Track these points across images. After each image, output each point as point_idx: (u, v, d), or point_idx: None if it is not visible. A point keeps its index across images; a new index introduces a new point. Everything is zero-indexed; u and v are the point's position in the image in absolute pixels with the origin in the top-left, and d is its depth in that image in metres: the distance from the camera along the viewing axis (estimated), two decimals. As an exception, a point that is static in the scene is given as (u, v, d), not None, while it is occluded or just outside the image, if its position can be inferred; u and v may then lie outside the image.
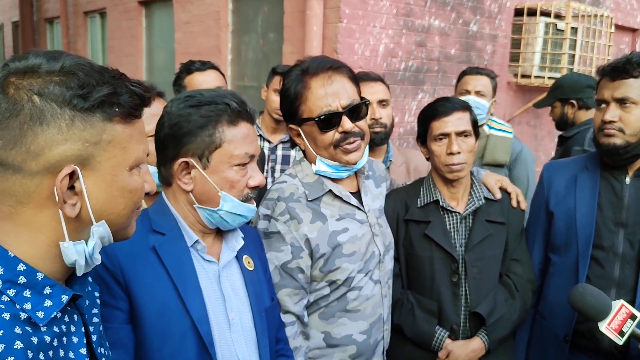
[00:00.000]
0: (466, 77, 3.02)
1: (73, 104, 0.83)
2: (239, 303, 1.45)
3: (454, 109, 1.95)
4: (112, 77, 0.88)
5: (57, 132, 0.82)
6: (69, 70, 0.84)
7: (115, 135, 0.87)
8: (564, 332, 1.98)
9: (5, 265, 0.83)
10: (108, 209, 0.89)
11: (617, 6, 7.12)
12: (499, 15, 5.42)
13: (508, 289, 2.01)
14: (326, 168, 1.74)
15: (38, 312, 0.84)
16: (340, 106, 1.67)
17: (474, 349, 1.92)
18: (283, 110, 1.78)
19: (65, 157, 0.83)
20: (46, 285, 0.86)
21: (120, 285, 1.29)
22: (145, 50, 7.10)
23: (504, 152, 2.96)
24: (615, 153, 1.88)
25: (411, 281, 2.01)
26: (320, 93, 1.66)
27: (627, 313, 1.60)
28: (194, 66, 2.75)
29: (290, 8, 4.50)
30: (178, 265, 1.36)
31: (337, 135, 1.68)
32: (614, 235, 1.90)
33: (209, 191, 1.39)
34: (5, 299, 0.82)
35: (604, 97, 1.89)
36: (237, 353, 1.40)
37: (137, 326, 1.30)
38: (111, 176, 0.88)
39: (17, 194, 0.83)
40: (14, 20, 11.80)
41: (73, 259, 0.88)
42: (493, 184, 2.07)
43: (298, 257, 1.68)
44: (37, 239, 0.86)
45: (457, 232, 1.99)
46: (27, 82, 0.82)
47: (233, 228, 1.50)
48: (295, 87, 1.69)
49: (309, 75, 1.68)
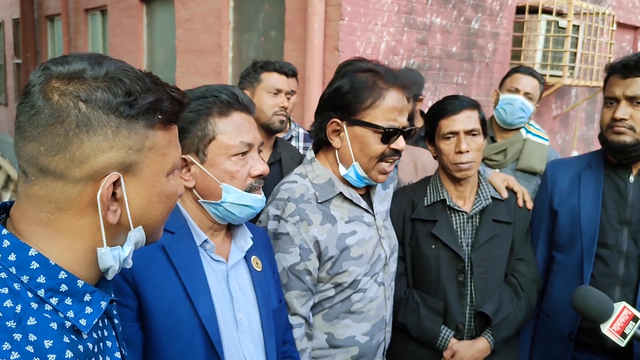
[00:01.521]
0: (518, 75, 2.86)
1: (119, 112, 0.82)
2: (246, 303, 1.44)
3: (463, 107, 1.94)
4: (153, 82, 0.87)
5: (103, 139, 0.81)
6: (113, 76, 0.82)
7: (156, 142, 0.87)
8: (569, 330, 1.98)
9: (47, 274, 0.82)
10: (146, 214, 0.89)
11: (619, 4, 7.11)
12: (501, 12, 5.41)
13: (513, 288, 2.01)
14: (354, 176, 1.72)
15: (81, 320, 0.84)
16: (403, 125, 1.68)
17: (480, 349, 1.92)
18: (333, 101, 1.69)
19: (109, 165, 0.82)
20: (86, 292, 0.86)
21: (129, 283, 1.29)
22: (146, 47, 7.09)
23: (540, 160, 2.76)
24: (624, 151, 1.87)
25: (416, 280, 2.01)
26: (395, 106, 1.65)
27: (630, 315, 1.60)
28: None
29: (291, 5, 4.50)
30: (187, 264, 1.36)
31: (388, 151, 1.68)
32: (618, 234, 1.90)
33: (210, 185, 1.39)
34: (49, 307, 0.81)
35: (614, 95, 1.87)
36: (245, 354, 1.40)
37: (145, 325, 1.30)
38: (151, 182, 0.88)
39: (57, 201, 0.82)
40: (14, 17, 11.78)
41: (109, 265, 0.87)
42: (500, 183, 2.06)
43: (306, 259, 1.67)
44: (76, 245, 0.85)
45: (464, 232, 1.98)
46: (73, 88, 0.80)
47: (243, 221, 1.49)
48: (368, 89, 1.64)
49: (387, 84, 1.65)
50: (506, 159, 2.82)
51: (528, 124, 2.90)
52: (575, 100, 6.80)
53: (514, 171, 2.78)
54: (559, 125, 6.64)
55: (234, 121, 1.40)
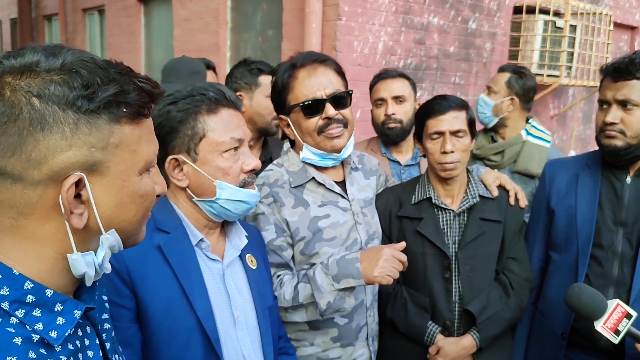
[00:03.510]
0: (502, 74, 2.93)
1: (77, 106, 0.75)
2: (243, 301, 1.45)
3: (450, 107, 1.95)
4: (118, 73, 0.79)
5: (61, 137, 0.74)
6: (70, 67, 0.75)
7: (123, 138, 0.80)
8: (562, 329, 1.99)
9: (11, 285, 0.76)
10: (118, 216, 0.82)
11: (616, 4, 7.13)
12: (498, 12, 5.42)
13: (503, 287, 2.01)
14: (312, 156, 1.82)
15: (51, 332, 0.77)
16: (325, 94, 1.76)
17: (465, 347, 1.93)
18: (273, 102, 1.88)
19: (70, 164, 0.75)
20: (57, 301, 0.79)
21: (126, 284, 1.29)
22: (143, 47, 7.08)
23: (537, 163, 2.70)
24: (616, 154, 1.87)
25: (406, 277, 2.03)
26: (306, 82, 1.77)
27: (623, 312, 1.62)
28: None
29: (289, 5, 4.50)
30: (183, 263, 1.36)
31: (321, 122, 1.77)
32: (613, 235, 1.90)
33: (204, 183, 1.40)
34: (14, 321, 0.75)
35: (606, 98, 1.87)
36: (243, 351, 1.41)
37: (143, 325, 1.30)
38: (120, 181, 0.81)
39: (19, 205, 0.76)
40: (12, 17, 11.77)
41: (82, 271, 0.81)
42: (491, 181, 2.07)
43: (281, 235, 1.77)
44: (43, 252, 0.79)
45: (450, 229, 2.00)
46: (24, 83, 0.74)
47: (238, 217, 1.50)
48: (283, 78, 1.80)
49: (297, 67, 1.79)
50: (504, 160, 2.83)
51: (530, 126, 2.88)
52: (573, 100, 6.82)
53: (511, 173, 2.76)
54: (556, 125, 6.66)
55: (222, 118, 1.41)
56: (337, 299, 1.64)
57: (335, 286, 1.63)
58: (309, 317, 1.71)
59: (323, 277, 1.65)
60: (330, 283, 1.63)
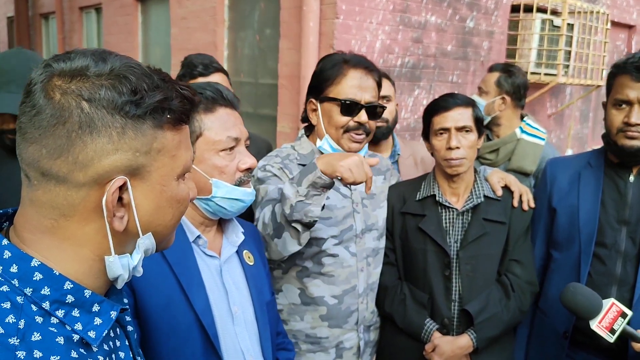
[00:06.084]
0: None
1: (125, 111, 0.76)
2: (240, 297, 1.46)
3: (455, 104, 1.96)
4: (161, 79, 0.81)
5: (108, 141, 0.76)
6: (118, 73, 0.77)
7: (165, 143, 0.82)
8: (564, 328, 1.99)
9: (52, 285, 0.77)
10: (155, 220, 0.84)
11: (613, 3, 7.14)
12: (496, 11, 5.43)
13: (504, 288, 2.00)
14: (328, 147, 1.89)
15: (90, 332, 0.79)
16: (364, 101, 1.85)
17: (461, 346, 1.93)
18: (311, 85, 1.94)
19: (114, 168, 0.77)
20: (94, 302, 0.81)
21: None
22: (141, 46, 7.08)
23: (531, 161, 2.72)
24: (634, 155, 1.85)
25: (407, 272, 2.05)
26: (354, 83, 1.85)
27: (618, 311, 1.63)
28: (197, 70, 2.55)
29: (286, 4, 4.50)
30: (181, 260, 1.37)
31: (352, 123, 1.85)
32: (616, 233, 1.89)
33: (200, 181, 1.40)
34: (55, 321, 0.76)
35: (628, 98, 1.81)
36: (241, 346, 1.42)
37: (142, 321, 1.31)
38: (160, 186, 0.83)
39: (61, 207, 0.77)
40: (9, 15, 11.74)
41: (118, 274, 0.83)
42: (496, 181, 2.06)
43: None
44: (82, 253, 0.80)
45: (453, 228, 2.00)
46: (75, 87, 0.75)
47: (234, 215, 1.50)
48: (332, 69, 1.87)
49: (349, 65, 1.86)
50: (498, 158, 2.83)
51: (525, 124, 2.89)
52: (570, 99, 6.83)
53: (505, 171, 2.75)
54: (553, 123, 6.67)
55: (219, 116, 1.41)
56: (298, 202, 1.57)
57: (300, 191, 1.56)
58: (294, 237, 1.64)
59: (289, 188, 1.60)
60: (295, 191, 1.58)
